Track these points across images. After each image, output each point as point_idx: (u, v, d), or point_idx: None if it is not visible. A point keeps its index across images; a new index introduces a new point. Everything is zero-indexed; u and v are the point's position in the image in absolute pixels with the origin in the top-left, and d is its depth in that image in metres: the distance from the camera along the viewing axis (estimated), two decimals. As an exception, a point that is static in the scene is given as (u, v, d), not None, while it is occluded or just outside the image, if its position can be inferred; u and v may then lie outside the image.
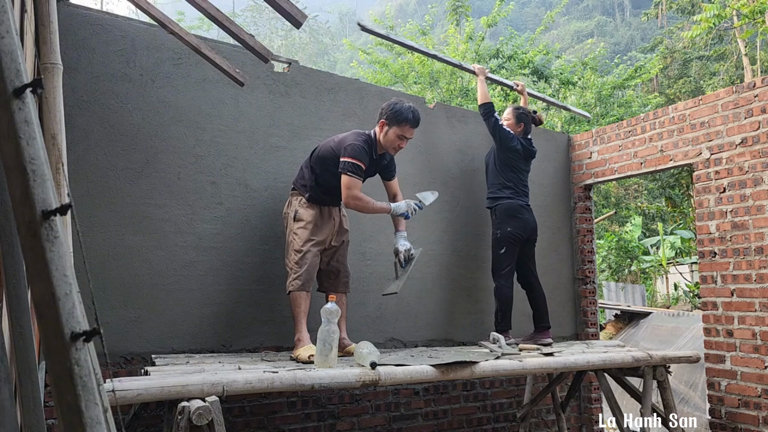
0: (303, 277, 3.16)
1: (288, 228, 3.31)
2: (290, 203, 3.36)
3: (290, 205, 3.35)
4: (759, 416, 3.79)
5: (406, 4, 60.24)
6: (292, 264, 3.21)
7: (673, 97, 20.38)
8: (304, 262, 3.17)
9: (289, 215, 3.31)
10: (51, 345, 0.97)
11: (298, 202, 3.31)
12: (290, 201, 3.37)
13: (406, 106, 3.31)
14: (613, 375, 3.90)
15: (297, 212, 3.27)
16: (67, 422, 0.95)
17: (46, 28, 2.12)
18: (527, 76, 12.16)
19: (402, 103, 3.32)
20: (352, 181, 3.16)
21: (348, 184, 3.16)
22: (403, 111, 3.28)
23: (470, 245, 4.54)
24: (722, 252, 4.07)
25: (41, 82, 1.05)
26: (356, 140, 3.23)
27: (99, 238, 3.07)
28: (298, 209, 3.28)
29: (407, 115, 3.29)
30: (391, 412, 4.03)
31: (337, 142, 3.29)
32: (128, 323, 3.12)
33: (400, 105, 3.31)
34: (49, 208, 1.00)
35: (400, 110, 3.28)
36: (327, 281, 3.42)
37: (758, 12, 11.28)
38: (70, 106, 3.00)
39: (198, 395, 2.24)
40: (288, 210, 3.35)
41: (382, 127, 3.33)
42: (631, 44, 42.67)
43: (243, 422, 3.43)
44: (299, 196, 3.33)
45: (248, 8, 35.12)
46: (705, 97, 4.24)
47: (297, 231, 3.24)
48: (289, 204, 3.37)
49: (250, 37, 3.24)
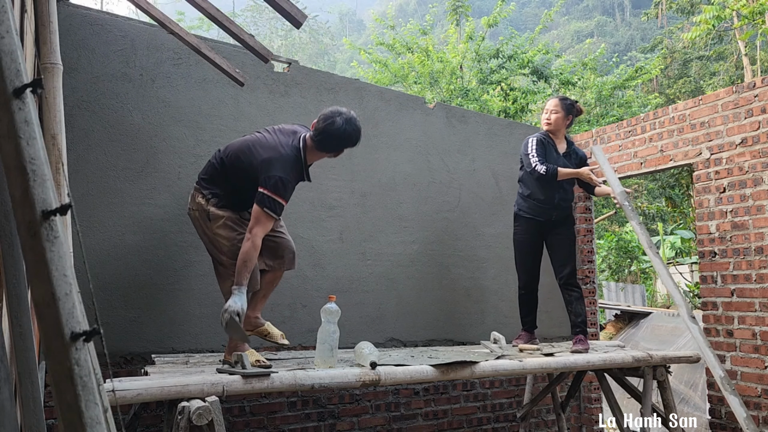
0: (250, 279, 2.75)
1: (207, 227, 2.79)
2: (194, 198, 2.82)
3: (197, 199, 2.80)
4: (759, 416, 3.79)
5: (406, 4, 60.23)
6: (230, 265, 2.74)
7: (673, 97, 20.39)
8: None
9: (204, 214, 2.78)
10: (51, 345, 0.97)
11: (207, 201, 2.78)
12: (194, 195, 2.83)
13: (337, 130, 2.74)
14: (613, 375, 3.90)
15: (210, 212, 2.76)
16: (67, 422, 0.95)
17: (46, 28, 2.12)
18: (527, 76, 12.16)
19: (334, 126, 2.74)
20: (265, 220, 2.62)
21: (259, 220, 2.61)
22: (332, 139, 2.77)
23: (470, 245, 4.54)
24: (722, 252, 4.07)
25: (41, 82, 1.05)
26: (284, 168, 2.67)
27: (99, 238, 3.07)
28: (210, 209, 2.76)
29: (335, 146, 2.82)
30: (391, 412, 4.03)
31: (261, 160, 2.69)
32: (128, 323, 3.12)
33: (330, 130, 2.75)
34: (49, 208, 1.00)
35: (329, 138, 2.77)
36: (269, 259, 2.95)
37: (758, 13, 11.27)
38: (70, 106, 3.00)
39: (198, 395, 2.24)
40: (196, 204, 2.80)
41: (311, 146, 2.82)
42: (631, 44, 42.67)
43: (243, 422, 3.44)
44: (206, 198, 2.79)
45: (248, 8, 35.13)
46: (705, 97, 4.24)
47: (219, 231, 2.76)
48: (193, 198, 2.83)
49: (250, 37, 3.25)
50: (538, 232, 3.97)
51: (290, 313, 3.63)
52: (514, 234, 4.07)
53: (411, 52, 12.31)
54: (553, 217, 3.92)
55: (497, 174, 4.76)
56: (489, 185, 4.70)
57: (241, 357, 2.45)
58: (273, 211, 2.63)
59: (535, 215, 3.93)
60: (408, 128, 4.33)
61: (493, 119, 5.01)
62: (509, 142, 4.88)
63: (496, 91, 11.56)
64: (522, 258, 4.03)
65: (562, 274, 3.88)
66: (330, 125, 2.75)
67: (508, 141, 4.88)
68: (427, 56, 11.94)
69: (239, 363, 2.44)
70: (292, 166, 2.72)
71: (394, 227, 4.17)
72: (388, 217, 4.16)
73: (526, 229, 3.97)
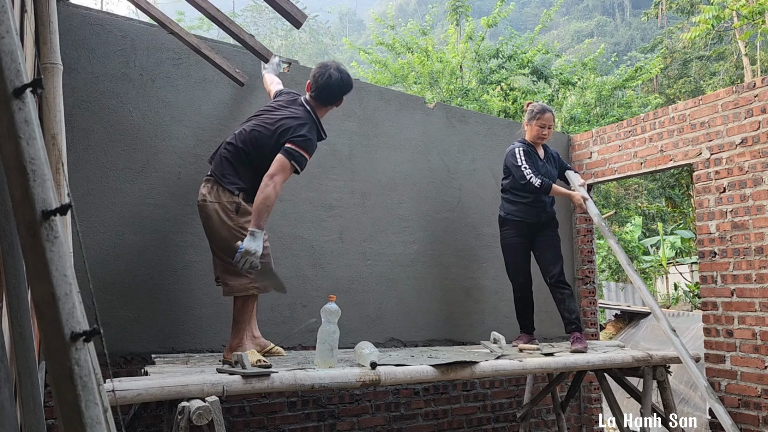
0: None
1: (228, 222, 2.77)
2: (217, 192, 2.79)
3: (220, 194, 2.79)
4: (759, 416, 3.79)
5: (406, 4, 60.23)
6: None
7: (673, 97, 20.39)
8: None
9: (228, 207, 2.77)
10: (51, 345, 0.97)
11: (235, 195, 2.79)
12: (216, 189, 2.79)
13: (336, 81, 2.92)
14: (613, 375, 3.90)
15: (241, 205, 2.78)
16: (68, 422, 0.95)
17: (46, 28, 2.12)
18: (527, 76, 12.15)
19: (332, 80, 2.92)
20: (288, 171, 2.73)
21: (284, 168, 2.71)
22: (333, 91, 2.94)
23: (470, 245, 4.55)
24: (722, 252, 4.07)
25: (41, 82, 1.05)
26: (307, 128, 2.82)
27: (99, 238, 3.07)
28: (241, 203, 2.78)
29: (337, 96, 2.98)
30: (391, 412, 4.03)
31: (282, 130, 2.80)
32: (128, 323, 3.12)
33: (330, 84, 2.92)
34: (49, 208, 1.00)
35: (330, 91, 2.94)
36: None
37: (758, 13, 11.27)
38: (70, 106, 3.00)
39: (198, 395, 2.24)
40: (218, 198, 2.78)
41: (315, 104, 2.98)
42: (631, 44, 42.66)
43: (243, 422, 3.43)
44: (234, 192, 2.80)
45: (248, 8, 35.11)
46: (705, 97, 4.24)
47: (246, 226, 2.73)
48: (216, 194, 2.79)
49: (250, 37, 3.25)
50: (527, 234, 4.06)
51: (290, 313, 3.63)
52: (504, 238, 4.12)
53: (411, 52, 12.31)
54: (542, 219, 4.03)
55: (497, 174, 4.75)
56: (489, 185, 4.71)
57: (241, 357, 2.45)
58: (299, 165, 2.75)
59: (525, 218, 4.02)
60: (408, 128, 4.33)
61: (493, 119, 5.01)
62: (509, 142, 4.87)
63: (495, 91, 11.55)
64: (515, 260, 4.07)
65: (552, 273, 3.95)
66: (328, 79, 2.93)
67: (508, 141, 4.87)
68: (427, 56, 11.93)
69: (239, 363, 2.44)
70: (311, 126, 2.87)
71: (394, 227, 4.17)
72: (388, 217, 4.16)
73: (516, 232, 4.05)
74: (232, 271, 2.75)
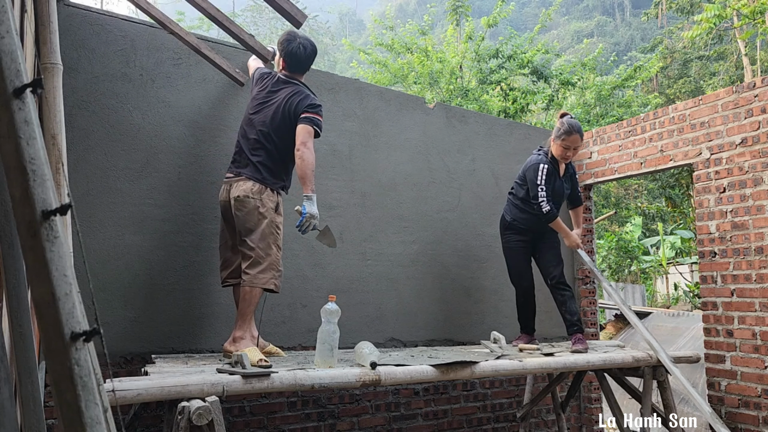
0: (281, 278, 3.02)
1: (268, 217, 2.96)
2: (260, 191, 2.99)
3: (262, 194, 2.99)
4: (759, 416, 3.79)
5: (406, 4, 60.25)
6: (273, 259, 2.95)
7: (673, 97, 20.39)
8: (280, 263, 3.02)
9: (268, 205, 2.98)
10: (51, 345, 0.97)
11: (279, 195, 3.07)
12: (260, 189, 2.99)
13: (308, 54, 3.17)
14: (614, 375, 3.90)
15: (279, 205, 3.05)
16: (68, 422, 0.95)
17: (46, 28, 2.12)
18: (527, 76, 12.15)
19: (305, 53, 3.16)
20: (314, 136, 3.03)
21: (310, 134, 3.01)
22: (306, 62, 3.19)
23: (470, 245, 4.55)
24: (722, 252, 4.07)
25: (41, 82, 1.05)
26: (312, 95, 3.13)
27: (99, 238, 3.07)
28: (280, 202, 3.06)
29: (308, 66, 3.23)
30: (391, 412, 4.03)
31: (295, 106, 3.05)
32: (128, 323, 3.12)
33: (300, 56, 3.15)
34: (49, 208, 1.00)
35: (302, 63, 3.17)
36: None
37: (758, 12, 11.27)
38: (70, 106, 3.00)
39: (198, 395, 2.24)
40: (263, 198, 2.98)
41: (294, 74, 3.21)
42: (631, 44, 42.66)
43: (243, 422, 3.43)
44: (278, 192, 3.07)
45: (248, 8, 35.12)
46: (705, 97, 4.24)
47: (280, 226, 3.03)
48: (259, 192, 2.99)
49: (250, 37, 3.25)
50: (530, 238, 4.11)
51: (290, 313, 3.63)
52: (507, 242, 4.14)
53: (410, 52, 12.31)
54: (546, 227, 4.06)
55: (497, 174, 4.76)
56: (489, 185, 4.71)
57: (241, 357, 2.45)
58: (319, 128, 3.06)
59: (531, 226, 4.06)
60: (408, 128, 4.33)
61: (493, 119, 5.01)
62: (509, 142, 4.88)
63: (495, 91, 11.56)
64: (519, 264, 4.11)
65: (553, 275, 3.99)
66: (299, 53, 3.14)
67: (508, 141, 4.88)
68: (427, 56, 11.93)
69: (239, 363, 2.44)
70: (308, 91, 3.13)
71: (394, 227, 4.17)
72: (388, 217, 4.16)
73: (519, 237, 4.10)
74: (260, 264, 2.92)
